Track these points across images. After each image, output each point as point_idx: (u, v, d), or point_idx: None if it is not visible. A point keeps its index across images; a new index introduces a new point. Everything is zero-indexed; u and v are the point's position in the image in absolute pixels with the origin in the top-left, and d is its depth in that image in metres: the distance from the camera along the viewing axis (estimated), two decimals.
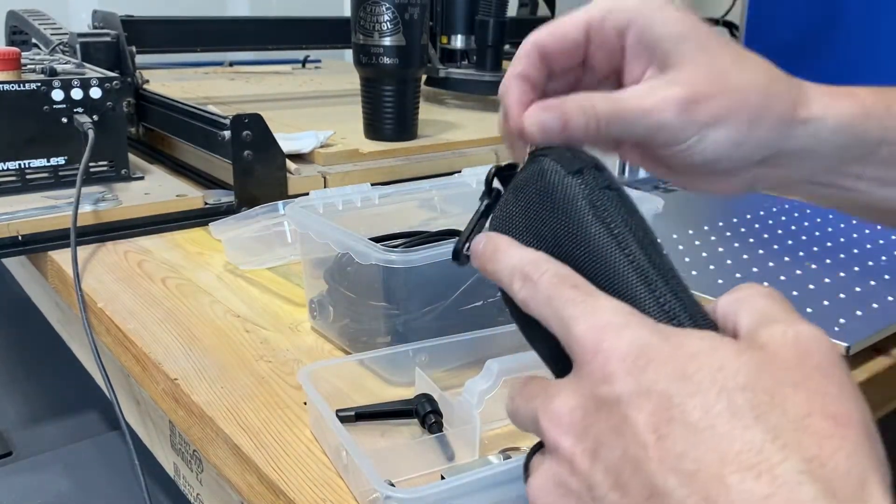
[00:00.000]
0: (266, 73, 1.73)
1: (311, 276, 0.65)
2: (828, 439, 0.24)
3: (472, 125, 1.22)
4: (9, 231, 0.78)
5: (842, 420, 0.25)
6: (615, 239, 0.31)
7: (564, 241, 0.32)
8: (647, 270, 0.30)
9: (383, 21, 1.00)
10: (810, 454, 0.23)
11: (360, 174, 0.97)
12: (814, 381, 0.26)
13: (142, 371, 0.63)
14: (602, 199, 0.32)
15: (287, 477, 0.47)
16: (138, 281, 0.74)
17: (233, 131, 0.85)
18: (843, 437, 0.24)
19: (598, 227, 0.31)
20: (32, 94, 0.84)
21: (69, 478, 0.88)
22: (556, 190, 0.32)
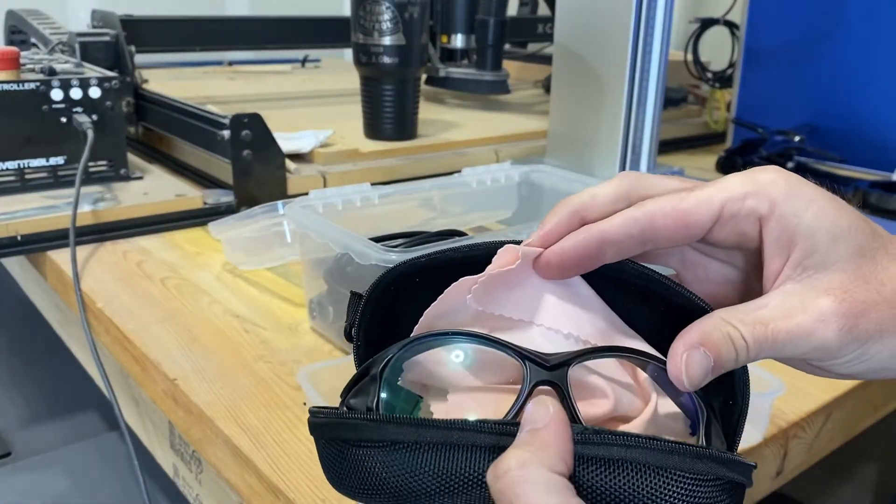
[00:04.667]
0: (265, 72, 1.72)
1: (311, 276, 0.65)
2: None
3: (472, 125, 1.22)
4: (8, 231, 0.78)
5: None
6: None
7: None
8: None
9: (383, 20, 1.00)
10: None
11: (359, 174, 0.97)
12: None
13: (141, 371, 0.63)
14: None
15: (286, 477, 0.47)
16: (137, 281, 0.74)
17: (232, 131, 0.85)
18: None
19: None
20: (31, 94, 0.84)
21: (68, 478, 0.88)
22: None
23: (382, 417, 0.29)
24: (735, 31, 1.35)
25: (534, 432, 0.28)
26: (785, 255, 0.31)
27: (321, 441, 0.30)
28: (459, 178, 0.75)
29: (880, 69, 1.10)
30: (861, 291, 0.30)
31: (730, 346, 0.30)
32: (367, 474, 0.28)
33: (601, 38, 0.94)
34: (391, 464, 0.28)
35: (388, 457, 0.28)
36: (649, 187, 0.33)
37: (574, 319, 0.33)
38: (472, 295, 0.32)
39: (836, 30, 1.14)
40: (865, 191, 0.96)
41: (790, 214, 0.30)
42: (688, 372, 0.30)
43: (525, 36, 1.79)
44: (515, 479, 0.26)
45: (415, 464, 0.28)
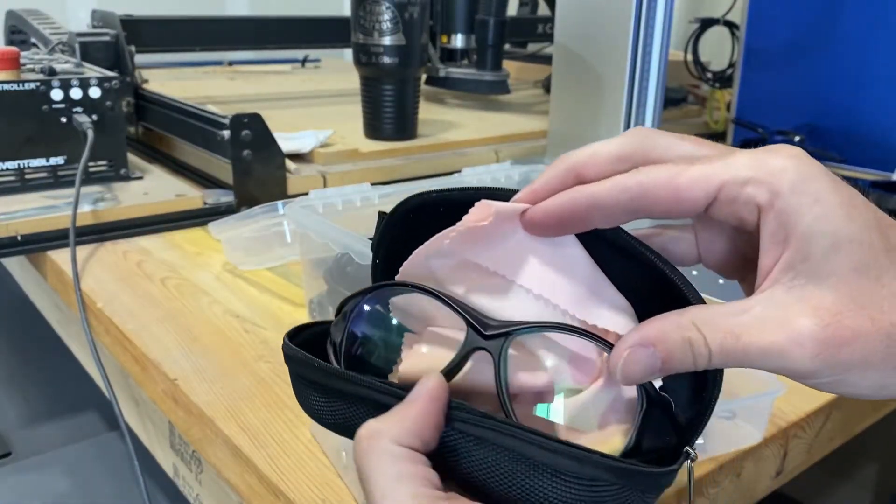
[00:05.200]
0: (265, 72, 1.72)
1: (311, 276, 0.65)
2: None
3: (472, 125, 1.22)
4: (8, 231, 0.78)
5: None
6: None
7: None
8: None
9: (383, 20, 1.00)
10: None
11: (359, 174, 0.97)
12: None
13: (141, 371, 0.63)
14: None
15: (286, 477, 0.47)
16: (137, 281, 0.74)
17: (232, 131, 0.85)
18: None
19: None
20: (31, 94, 0.84)
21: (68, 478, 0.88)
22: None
23: (310, 360, 0.32)
24: (735, 31, 1.35)
25: (406, 404, 0.29)
26: (778, 253, 0.28)
27: (291, 373, 0.34)
28: (459, 179, 0.75)
29: (880, 69, 1.10)
30: (851, 317, 0.27)
31: (686, 351, 0.28)
32: (307, 400, 0.33)
33: (601, 38, 0.94)
34: (318, 397, 0.33)
35: (315, 391, 0.33)
36: (656, 149, 0.31)
37: (550, 282, 0.32)
38: (448, 241, 0.32)
39: (836, 29, 1.14)
40: (865, 191, 0.96)
41: (791, 211, 0.27)
42: (624, 368, 0.29)
43: (525, 36, 1.79)
44: (364, 448, 0.28)
45: (329, 404, 0.32)
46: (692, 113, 1.43)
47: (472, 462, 0.29)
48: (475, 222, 0.31)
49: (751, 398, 0.49)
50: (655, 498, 0.30)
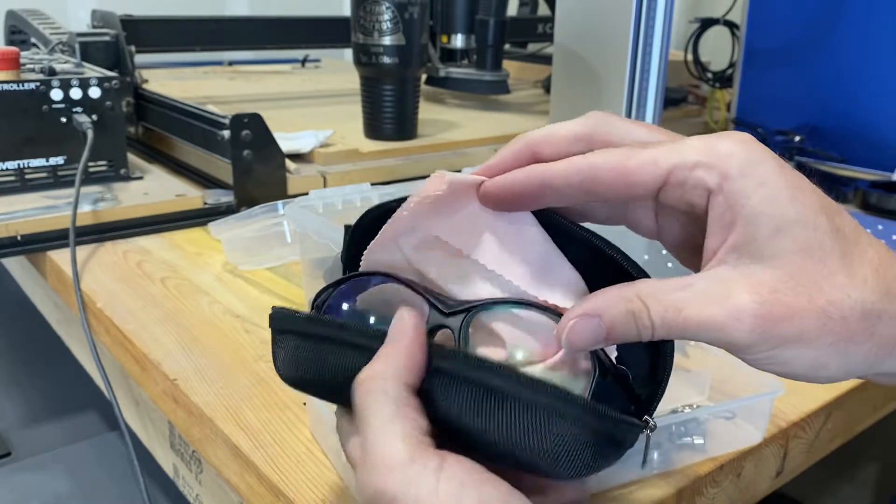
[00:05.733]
0: (265, 72, 1.72)
1: (311, 276, 0.65)
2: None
3: (472, 124, 1.22)
4: (7, 231, 0.78)
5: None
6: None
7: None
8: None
9: (383, 20, 1.00)
10: None
11: (359, 174, 0.97)
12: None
13: (141, 371, 0.63)
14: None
15: (286, 477, 0.47)
16: (137, 281, 0.74)
17: (232, 131, 0.85)
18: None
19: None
20: (31, 94, 0.84)
21: (68, 478, 0.88)
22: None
23: (294, 313, 0.35)
24: (735, 31, 1.35)
25: (393, 343, 0.31)
26: (724, 236, 0.29)
27: (272, 333, 0.36)
28: None
29: (880, 69, 1.10)
30: (790, 294, 0.27)
31: (630, 323, 0.29)
32: (288, 356, 0.35)
33: (601, 38, 0.94)
34: (302, 348, 0.34)
35: (300, 342, 0.34)
36: (613, 133, 0.31)
37: (506, 259, 0.34)
38: (407, 213, 0.33)
39: (835, 30, 1.14)
40: (865, 191, 0.96)
41: (738, 193, 0.28)
42: (569, 336, 0.30)
43: (525, 36, 1.79)
44: (364, 391, 0.30)
45: (315, 351, 0.33)
46: (692, 113, 1.43)
47: (452, 403, 0.30)
48: (431, 192, 0.32)
49: (751, 398, 0.49)
50: (616, 455, 0.31)
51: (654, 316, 0.29)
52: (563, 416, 0.29)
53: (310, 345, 0.34)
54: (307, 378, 0.34)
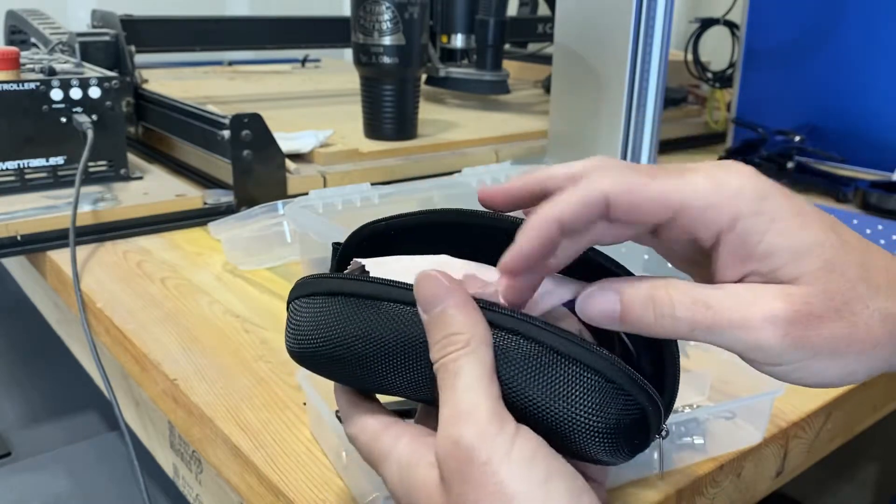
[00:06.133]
0: (265, 72, 1.72)
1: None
2: None
3: (472, 125, 1.22)
4: (7, 231, 0.78)
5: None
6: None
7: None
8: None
9: (383, 20, 1.00)
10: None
11: (359, 174, 0.97)
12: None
13: (141, 371, 0.63)
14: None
15: (286, 477, 0.47)
16: (137, 281, 0.74)
17: (232, 131, 0.85)
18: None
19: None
20: (31, 94, 0.84)
21: (68, 478, 0.88)
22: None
23: (331, 275, 0.35)
24: (735, 31, 1.35)
25: (471, 307, 0.31)
26: (742, 268, 0.29)
27: (290, 305, 0.36)
28: (459, 178, 0.75)
29: (880, 69, 1.10)
30: (821, 306, 0.28)
31: (647, 309, 0.29)
32: (312, 318, 0.34)
33: (601, 38, 0.94)
34: (335, 307, 0.34)
35: (332, 303, 0.34)
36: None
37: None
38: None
39: (835, 30, 1.14)
40: (865, 191, 0.96)
41: (751, 231, 0.28)
42: (583, 303, 0.30)
43: (525, 36, 1.79)
44: (461, 346, 0.30)
45: (353, 308, 0.33)
46: (692, 113, 1.43)
47: (511, 365, 0.30)
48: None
49: (751, 398, 0.49)
50: (643, 444, 0.31)
51: (679, 306, 0.28)
52: (619, 385, 0.29)
53: (344, 304, 0.33)
54: (335, 339, 0.34)
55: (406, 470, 0.31)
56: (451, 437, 0.28)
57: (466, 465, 0.28)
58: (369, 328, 0.33)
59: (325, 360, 0.35)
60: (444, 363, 0.30)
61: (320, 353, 0.35)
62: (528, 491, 0.27)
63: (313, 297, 0.35)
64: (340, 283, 0.34)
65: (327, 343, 0.34)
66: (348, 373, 0.34)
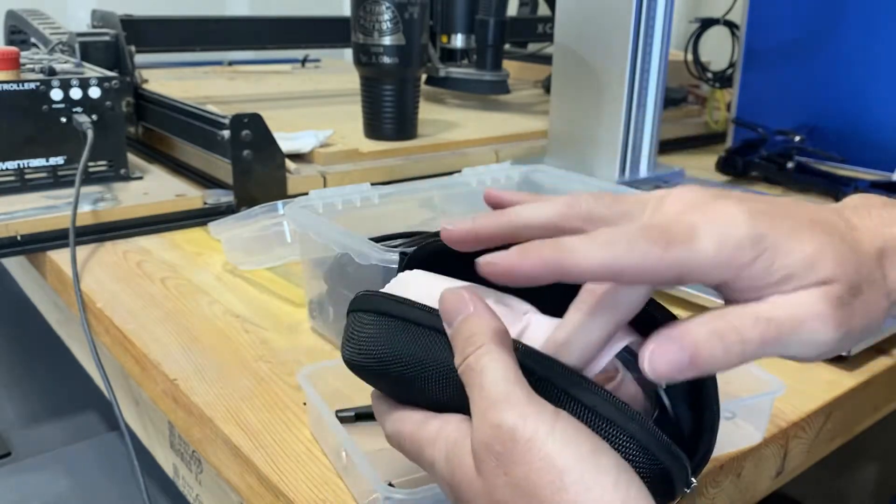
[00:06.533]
0: (265, 72, 1.72)
1: (311, 276, 0.65)
2: None
3: (472, 124, 1.22)
4: (7, 231, 0.78)
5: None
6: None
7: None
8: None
9: (383, 20, 1.00)
10: None
11: (359, 174, 0.97)
12: None
13: (141, 371, 0.63)
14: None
15: (286, 477, 0.47)
16: (137, 281, 0.74)
17: (232, 131, 0.85)
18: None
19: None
20: (31, 94, 0.84)
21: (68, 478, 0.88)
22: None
23: (383, 294, 0.37)
24: (735, 31, 1.35)
25: (488, 315, 0.32)
26: (764, 293, 0.30)
27: (349, 315, 0.38)
28: (459, 178, 0.75)
29: (880, 69, 1.10)
30: (849, 295, 0.30)
31: (715, 344, 0.29)
32: (366, 335, 0.36)
33: (601, 38, 0.94)
34: (382, 326, 0.36)
35: (380, 321, 0.36)
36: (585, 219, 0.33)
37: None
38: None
39: (835, 30, 1.14)
40: (865, 191, 0.96)
41: (762, 270, 0.29)
42: (651, 360, 0.29)
43: (525, 36, 1.79)
44: (482, 343, 0.31)
45: (393, 329, 0.35)
46: (692, 113, 1.43)
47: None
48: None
49: (751, 398, 0.49)
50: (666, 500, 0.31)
51: (745, 330, 0.29)
52: (642, 446, 0.29)
53: (393, 325, 0.35)
54: (385, 357, 0.35)
55: (454, 447, 0.31)
56: (491, 423, 0.29)
57: (511, 445, 0.28)
58: (409, 350, 0.34)
59: (373, 375, 0.37)
60: (468, 364, 0.31)
61: (370, 368, 0.36)
62: (578, 464, 0.27)
63: (367, 313, 0.37)
64: (387, 305, 0.36)
65: (376, 360, 0.36)
66: (394, 388, 0.37)
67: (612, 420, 0.30)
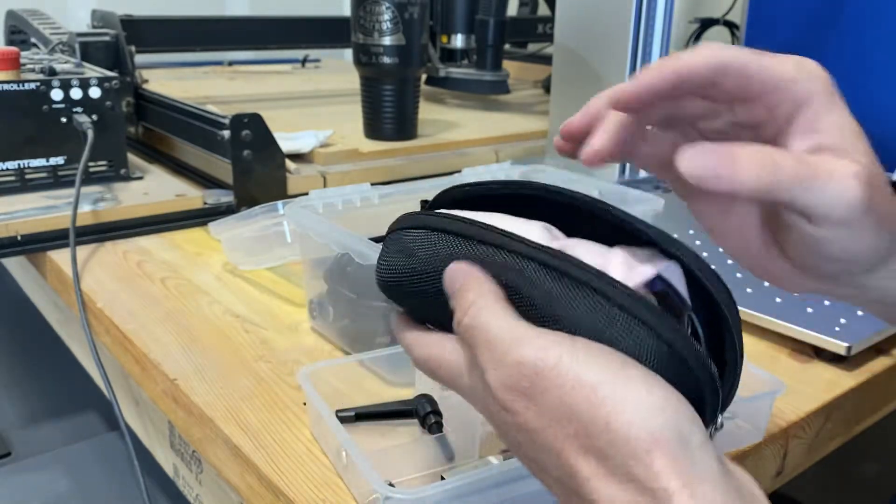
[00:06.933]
0: (265, 72, 1.72)
1: (311, 276, 0.65)
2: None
3: (472, 124, 1.22)
4: (8, 231, 0.78)
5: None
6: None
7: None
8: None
9: (383, 20, 1.00)
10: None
11: (359, 174, 0.97)
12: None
13: (141, 371, 0.63)
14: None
15: (287, 477, 0.47)
16: (137, 281, 0.74)
17: (232, 131, 0.85)
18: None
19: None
20: (31, 94, 0.84)
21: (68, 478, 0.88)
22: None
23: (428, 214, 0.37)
24: (735, 31, 1.35)
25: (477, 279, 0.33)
26: (810, 140, 0.33)
27: (387, 238, 0.39)
28: (459, 178, 0.75)
29: (880, 69, 1.10)
30: (876, 179, 0.32)
31: (757, 167, 0.30)
32: (403, 247, 0.37)
33: (601, 38, 0.94)
34: (420, 238, 0.36)
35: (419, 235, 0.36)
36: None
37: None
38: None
39: (835, 30, 1.14)
40: None
41: (823, 107, 0.33)
42: (690, 159, 0.29)
43: (525, 36, 1.79)
44: (476, 303, 0.31)
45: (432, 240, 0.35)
46: None
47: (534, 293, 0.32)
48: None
49: (751, 398, 0.49)
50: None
51: (782, 159, 0.30)
52: (678, 355, 0.29)
53: (440, 237, 0.35)
54: (418, 268, 0.36)
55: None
56: (511, 363, 0.29)
57: (537, 377, 0.29)
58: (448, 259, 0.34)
59: (405, 293, 0.37)
60: (468, 324, 0.31)
61: (404, 286, 0.37)
62: (608, 377, 0.28)
63: (408, 230, 0.37)
64: (438, 220, 0.36)
65: (410, 274, 0.36)
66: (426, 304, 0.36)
67: (649, 324, 0.29)
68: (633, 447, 0.26)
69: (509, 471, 0.41)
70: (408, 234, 0.37)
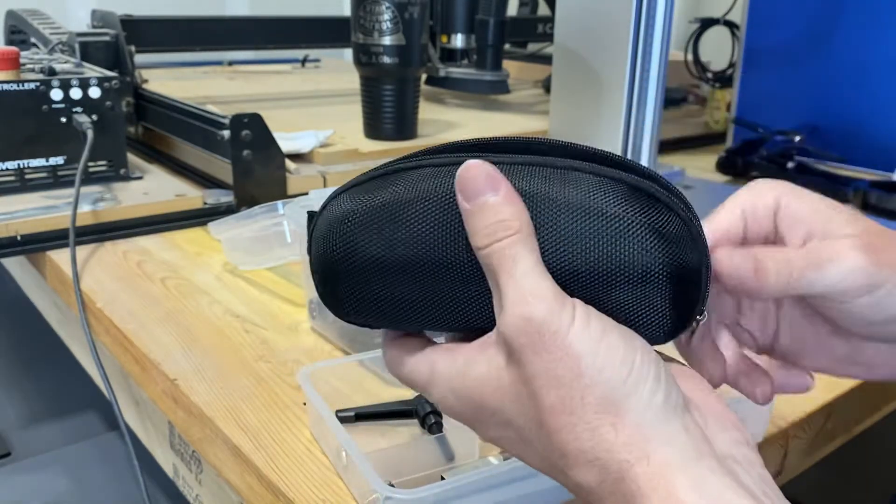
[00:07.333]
0: (265, 72, 1.72)
1: (311, 277, 0.65)
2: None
3: (472, 125, 1.22)
4: (7, 231, 0.78)
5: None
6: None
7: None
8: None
9: (383, 20, 1.00)
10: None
11: (359, 174, 0.97)
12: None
13: (141, 371, 0.63)
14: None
15: (286, 477, 0.47)
16: (137, 281, 0.74)
17: (232, 131, 0.85)
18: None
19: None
20: (31, 94, 0.84)
21: (68, 478, 0.88)
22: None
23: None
24: (735, 31, 1.35)
25: (511, 199, 0.32)
26: (798, 236, 0.35)
27: (321, 213, 0.38)
28: None
29: (880, 69, 1.10)
30: (875, 236, 0.34)
31: (773, 263, 0.33)
32: (343, 209, 0.37)
33: (601, 38, 0.94)
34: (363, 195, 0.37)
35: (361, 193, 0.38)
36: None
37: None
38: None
39: (835, 30, 1.14)
40: (865, 191, 0.96)
41: (792, 206, 0.35)
42: (720, 261, 0.34)
43: (525, 36, 1.79)
44: (508, 237, 0.31)
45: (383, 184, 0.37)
46: (692, 113, 1.44)
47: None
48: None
49: None
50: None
51: (794, 261, 0.34)
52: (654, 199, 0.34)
53: (375, 187, 0.36)
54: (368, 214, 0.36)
55: (465, 367, 0.33)
56: (522, 315, 0.30)
57: (538, 338, 0.30)
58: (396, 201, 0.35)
59: (348, 269, 0.37)
60: (499, 248, 0.31)
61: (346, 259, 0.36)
62: (590, 348, 0.29)
63: (339, 196, 0.37)
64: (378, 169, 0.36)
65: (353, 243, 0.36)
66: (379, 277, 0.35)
67: (624, 181, 0.33)
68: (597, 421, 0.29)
69: (509, 471, 0.41)
70: (338, 205, 0.37)
